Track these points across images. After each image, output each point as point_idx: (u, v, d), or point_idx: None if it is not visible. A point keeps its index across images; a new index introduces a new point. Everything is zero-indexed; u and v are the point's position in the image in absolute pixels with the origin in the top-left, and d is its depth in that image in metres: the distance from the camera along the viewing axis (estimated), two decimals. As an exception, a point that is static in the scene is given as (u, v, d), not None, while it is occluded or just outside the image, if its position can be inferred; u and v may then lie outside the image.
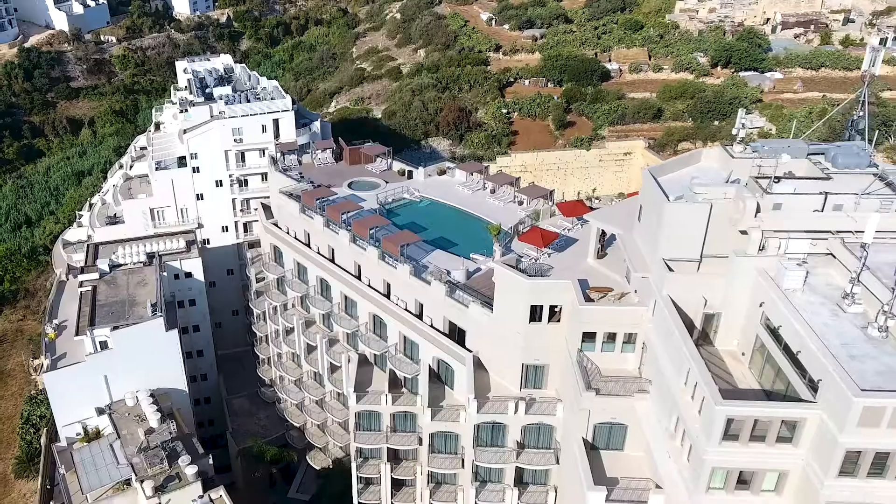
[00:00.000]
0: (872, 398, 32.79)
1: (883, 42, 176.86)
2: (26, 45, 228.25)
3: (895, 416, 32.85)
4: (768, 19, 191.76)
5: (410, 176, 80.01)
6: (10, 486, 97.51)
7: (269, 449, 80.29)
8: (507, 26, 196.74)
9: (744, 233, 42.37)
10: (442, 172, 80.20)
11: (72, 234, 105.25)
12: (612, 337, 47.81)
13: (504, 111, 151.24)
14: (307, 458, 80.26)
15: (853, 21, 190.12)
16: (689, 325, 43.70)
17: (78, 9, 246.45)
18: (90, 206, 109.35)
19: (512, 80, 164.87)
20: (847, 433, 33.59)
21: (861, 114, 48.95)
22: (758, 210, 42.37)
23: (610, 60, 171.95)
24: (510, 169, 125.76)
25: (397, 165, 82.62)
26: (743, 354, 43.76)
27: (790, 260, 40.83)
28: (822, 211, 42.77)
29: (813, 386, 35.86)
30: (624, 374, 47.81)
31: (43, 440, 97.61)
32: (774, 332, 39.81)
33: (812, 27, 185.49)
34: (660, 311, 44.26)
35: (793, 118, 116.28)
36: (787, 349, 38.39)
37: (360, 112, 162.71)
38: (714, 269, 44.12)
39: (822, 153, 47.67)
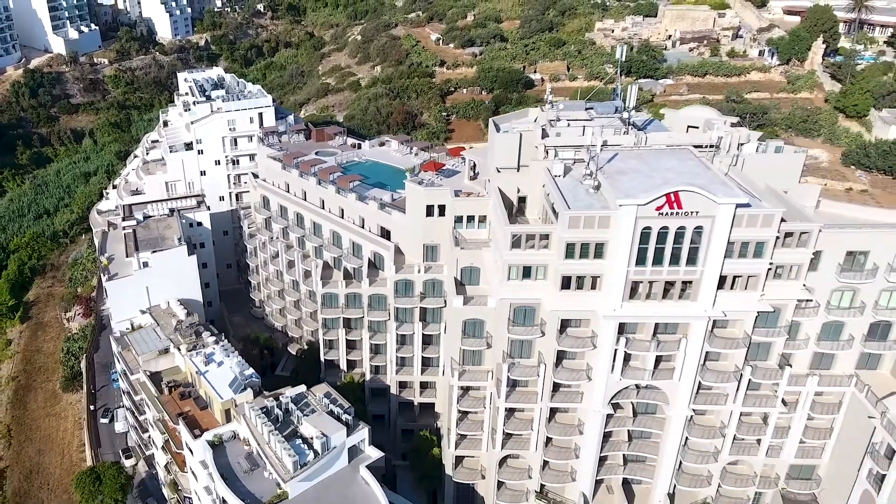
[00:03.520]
0: (572, 212, 65.14)
1: (761, 53, 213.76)
2: (30, 66, 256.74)
3: (586, 222, 64.84)
4: (670, 36, 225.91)
5: (360, 147, 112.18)
6: (59, 398, 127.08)
7: (261, 335, 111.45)
8: (452, 45, 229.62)
9: (537, 148, 75.02)
10: (382, 144, 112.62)
11: (103, 205, 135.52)
12: (471, 219, 79.75)
13: (444, 114, 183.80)
14: (287, 348, 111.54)
15: (741, 36, 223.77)
16: (510, 205, 76.16)
17: (73, 34, 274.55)
18: (114, 186, 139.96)
19: (452, 88, 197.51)
20: (563, 233, 65.50)
21: (618, 83, 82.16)
22: (545, 135, 75.23)
23: (535, 72, 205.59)
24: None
25: (351, 140, 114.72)
26: (539, 219, 76.30)
27: (559, 160, 73.46)
28: (583, 135, 75.74)
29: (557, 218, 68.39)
30: (479, 240, 79.94)
31: (83, 364, 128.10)
32: (548, 200, 72.29)
33: (705, 41, 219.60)
34: (492, 198, 76.60)
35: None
36: (552, 207, 70.75)
37: (326, 117, 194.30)
38: (525, 171, 76.73)
39: (593, 107, 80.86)
